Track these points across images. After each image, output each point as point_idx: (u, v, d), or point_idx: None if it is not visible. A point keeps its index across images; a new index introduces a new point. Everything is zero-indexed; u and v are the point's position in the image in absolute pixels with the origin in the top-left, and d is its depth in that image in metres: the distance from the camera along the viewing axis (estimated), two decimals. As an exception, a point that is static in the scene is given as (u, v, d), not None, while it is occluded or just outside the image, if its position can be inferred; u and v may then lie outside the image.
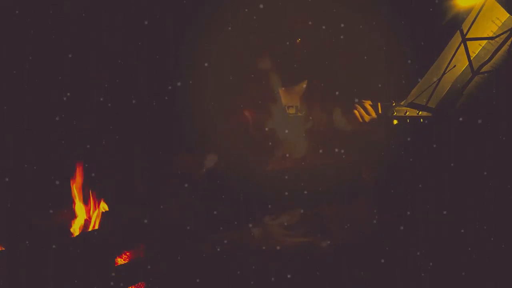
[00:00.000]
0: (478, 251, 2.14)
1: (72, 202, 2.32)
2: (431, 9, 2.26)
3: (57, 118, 2.40)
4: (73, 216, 2.29)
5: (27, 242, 2.10)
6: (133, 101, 2.52)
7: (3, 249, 2.07)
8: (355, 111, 2.19)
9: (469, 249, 2.14)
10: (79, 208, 2.30)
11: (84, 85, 2.48)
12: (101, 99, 2.49)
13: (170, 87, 2.51)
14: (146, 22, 2.44)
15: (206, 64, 2.39)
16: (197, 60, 2.43)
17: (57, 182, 2.34)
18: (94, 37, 2.43)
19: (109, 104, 2.50)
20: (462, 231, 2.15)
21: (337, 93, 2.38)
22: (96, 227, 2.28)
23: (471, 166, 2.17)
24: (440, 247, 2.18)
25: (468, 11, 1.89)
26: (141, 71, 2.50)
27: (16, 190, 2.34)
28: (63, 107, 2.44)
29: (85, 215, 2.29)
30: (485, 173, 2.14)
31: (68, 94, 2.44)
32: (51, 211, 2.28)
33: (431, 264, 2.17)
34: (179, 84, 2.48)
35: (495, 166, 2.15)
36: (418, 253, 2.18)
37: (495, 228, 2.14)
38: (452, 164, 2.19)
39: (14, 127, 2.35)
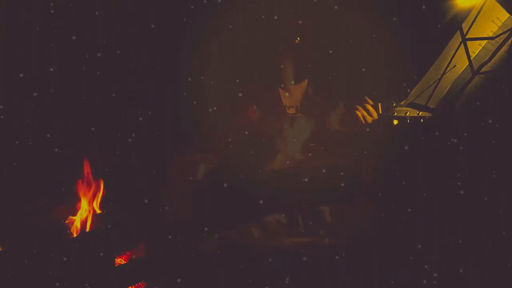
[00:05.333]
0: (478, 251, 2.14)
1: (72, 201, 2.32)
2: (431, 9, 2.26)
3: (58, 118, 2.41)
4: (73, 215, 2.29)
5: (26, 242, 2.10)
6: (132, 101, 2.52)
7: (1, 249, 2.07)
8: (356, 111, 2.19)
9: (470, 249, 2.14)
10: (80, 207, 2.30)
11: (81, 84, 2.48)
12: (100, 99, 2.49)
13: (169, 87, 2.51)
14: (146, 21, 2.45)
15: (207, 65, 2.40)
16: (197, 59, 2.43)
17: (57, 181, 2.34)
18: (94, 35, 2.43)
19: (109, 104, 2.50)
20: (463, 230, 2.15)
21: (337, 93, 2.38)
22: (96, 227, 2.27)
23: (472, 165, 2.18)
24: (440, 247, 2.18)
25: (468, 11, 1.89)
26: (140, 70, 2.49)
27: (16, 189, 2.34)
28: (62, 107, 2.45)
29: (86, 215, 2.29)
30: (486, 172, 2.14)
31: (68, 94, 2.44)
32: (51, 211, 2.28)
33: (431, 264, 2.17)
34: (178, 83, 2.48)
35: (496, 166, 2.16)
36: (419, 253, 2.18)
37: (496, 228, 2.14)
38: (452, 164, 2.20)
39: (16, 125, 2.35)
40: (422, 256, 2.18)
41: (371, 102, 2.18)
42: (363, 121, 2.17)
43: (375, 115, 2.17)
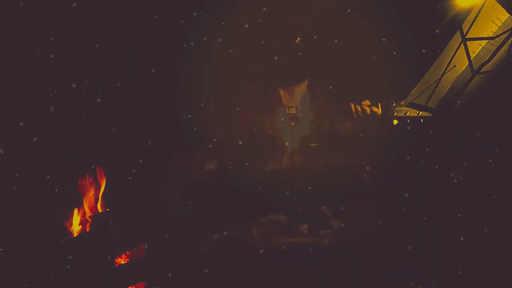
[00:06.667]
0: (478, 251, 2.14)
1: (72, 201, 2.32)
2: (431, 9, 2.26)
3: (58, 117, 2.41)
4: (73, 215, 2.29)
5: (26, 242, 2.10)
6: (132, 100, 2.52)
7: (1, 249, 2.07)
8: (356, 111, 2.20)
9: (469, 249, 2.14)
10: (80, 207, 2.31)
11: (81, 84, 2.48)
12: (99, 98, 2.50)
13: (169, 87, 2.52)
14: (145, 21, 2.45)
15: (207, 64, 2.40)
16: (197, 59, 2.43)
17: (57, 181, 2.34)
18: (93, 34, 2.43)
19: (109, 104, 2.50)
20: (463, 230, 2.15)
21: (337, 93, 2.38)
22: (96, 227, 2.28)
23: (472, 165, 2.18)
24: (440, 247, 2.18)
25: (468, 11, 1.89)
26: (140, 70, 2.50)
27: (16, 189, 2.34)
28: (62, 106, 2.45)
29: (86, 215, 2.29)
30: (486, 172, 2.14)
31: (68, 93, 2.44)
32: (51, 211, 2.28)
33: (431, 264, 2.17)
34: (178, 83, 2.48)
35: (495, 166, 2.16)
36: (419, 253, 2.18)
37: (496, 228, 2.15)
38: (452, 164, 2.20)
39: (16, 125, 2.35)
40: (422, 256, 2.18)
41: (368, 103, 2.19)
42: (363, 121, 2.17)
43: (375, 115, 2.17)
